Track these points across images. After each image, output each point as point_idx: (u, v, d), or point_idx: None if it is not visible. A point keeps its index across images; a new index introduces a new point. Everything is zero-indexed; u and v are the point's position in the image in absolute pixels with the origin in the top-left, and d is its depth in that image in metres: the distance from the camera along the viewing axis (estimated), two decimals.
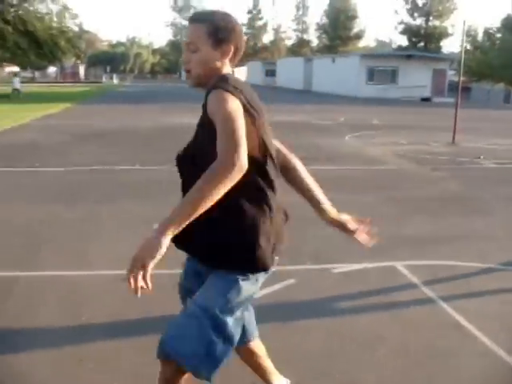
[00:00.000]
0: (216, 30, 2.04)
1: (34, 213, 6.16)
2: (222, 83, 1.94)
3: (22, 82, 34.15)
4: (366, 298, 4.07)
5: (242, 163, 1.76)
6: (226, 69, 2.08)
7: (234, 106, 1.86)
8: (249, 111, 1.93)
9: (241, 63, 76.13)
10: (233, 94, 1.89)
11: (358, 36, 75.18)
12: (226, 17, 2.09)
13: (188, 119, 17.36)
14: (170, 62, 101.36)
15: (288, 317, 3.72)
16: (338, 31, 71.43)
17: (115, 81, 66.80)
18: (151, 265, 1.74)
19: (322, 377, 3.00)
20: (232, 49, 2.06)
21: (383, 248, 5.10)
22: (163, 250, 1.74)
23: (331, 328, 3.58)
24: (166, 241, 1.74)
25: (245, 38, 2.16)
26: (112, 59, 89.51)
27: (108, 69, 79.31)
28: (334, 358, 3.19)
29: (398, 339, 3.43)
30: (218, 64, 2.06)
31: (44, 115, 19.03)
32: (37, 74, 68.63)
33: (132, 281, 1.75)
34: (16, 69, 52.49)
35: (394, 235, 5.48)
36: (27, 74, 65.78)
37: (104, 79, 66.74)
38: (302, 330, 3.55)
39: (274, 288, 4.12)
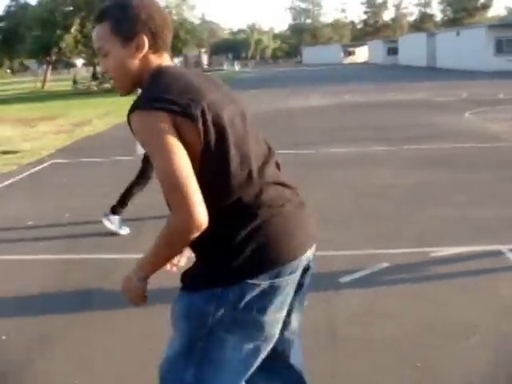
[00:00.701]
0: (117, 24, 1.66)
1: None
2: (143, 95, 1.61)
3: None
4: (464, 284, 3.82)
5: (197, 215, 1.47)
6: (154, 62, 1.69)
7: (154, 127, 1.52)
8: (181, 113, 1.54)
9: (361, 42, 74.94)
10: (150, 109, 1.54)
11: (486, 5, 70.60)
12: (125, 3, 1.69)
13: (316, 101, 17.62)
14: (290, 46, 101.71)
15: (375, 302, 3.59)
16: (463, 2, 67.46)
17: (236, 67, 68.27)
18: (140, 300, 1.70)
19: (402, 364, 2.86)
20: (145, 39, 1.65)
21: (491, 230, 4.78)
22: (141, 290, 1.67)
23: (419, 315, 3.40)
24: (142, 284, 1.65)
25: (164, 14, 1.73)
26: (233, 46, 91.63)
27: (230, 56, 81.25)
28: (423, 347, 3.02)
29: (493, 328, 3.18)
30: (137, 62, 1.68)
31: None
32: None
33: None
34: None
35: (507, 217, 5.08)
36: None
37: (225, 66, 68.39)
38: (388, 315, 3.41)
39: (364, 272, 4.00)
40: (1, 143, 11.51)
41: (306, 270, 1.76)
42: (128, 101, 1.91)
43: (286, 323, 1.76)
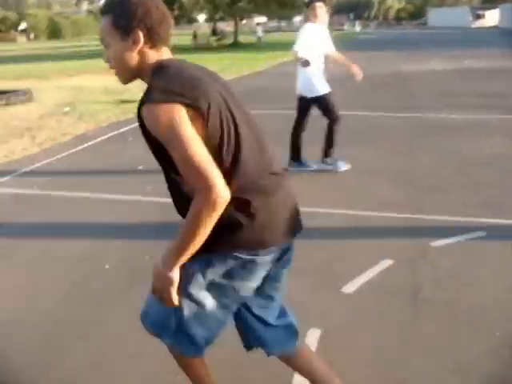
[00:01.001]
0: (117, 19, 1.77)
1: None
2: (151, 90, 1.69)
3: (268, 32, 36.01)
4: None
5: (219, 187, 1.60)
6: (152, 56, 1.79)
7: (172, 117, 1.63)
8: (194, 107, 1.66)
9: (492, 5, 69.55)
10: (165, 102, 1.64)
11: None
12: (124, 0, 1.78)
13: (436, 65, 16.94)
14: (415, 7, 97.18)
15: (464, 269, 3.54)
16: None
17: (357, 28, 66.35)
18: (174, 295, 1.76)
19: (481, 332, 2.84)
20: (141, 34, 1.75)
21: None
22: (176, 281, 1.75)
23: (508, 287, 3.31)
24: (176, 274, 1.74)
25: (162, 10, 1.80)
26: (356, 6, 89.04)
27: (351, 16, 79.10)
28: (506, 318, 2.97)
29: None
30: (135, 56, 1.79)
31: (281, 62, 19.93)
32: (282, 23, 71.54)
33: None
34: (263, 19, 55.41)
35: None
36: (273, 23, 69.00)
37: (346, 27, 66.72)
38: (474, 284, 3.36)
39: (457, 238, 3.94)
40: (121, 93, 12.18)
41: (286, 250, 1.94)
42: (247, 57, 2.02)
43: (260, 290, 1.96)
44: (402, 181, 5.39)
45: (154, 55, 1.80)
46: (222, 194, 1.61)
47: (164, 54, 1.83)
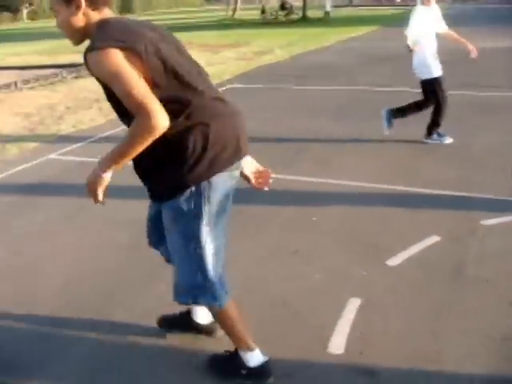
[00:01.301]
0: None
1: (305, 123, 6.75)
2: (94, 40, 1.94)
3: (339, 7, 35.37)
4: None
5: (158, 112, 1.84)
6: (95, 16, 2.04)
7: (111, 59, 1.87)
8: (132, 49, 1.90)
9: None
10: (105, 48, 1.88)
11: None
12: None
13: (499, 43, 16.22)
14: None
15: (510, 249, 3.52)
16: None
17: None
18: (100, 193, 2.06)
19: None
20: (83, 0, 2.01)
21: None
22: (106, 181, 2.05)
23: None
24: (107, 175, 2.03)
25: None
26: None
27: None
28: None
29: None
30: (80, 19, 2.04)
31: (348, 38, 19.62)
32: None
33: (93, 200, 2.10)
34: None
35: None
36: None
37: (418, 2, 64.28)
38: None
39: (509, 218, 3.90)
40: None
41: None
42: (315, 32, 2.12)
43: None
44: (457, 159, 5.32)
45: (97, 16, 2.05)
46: (161, 121, 1.85)
47: (106, 13, 2.08)
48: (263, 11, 34.06)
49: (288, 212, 4.21)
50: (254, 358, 2.32)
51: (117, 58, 1.88)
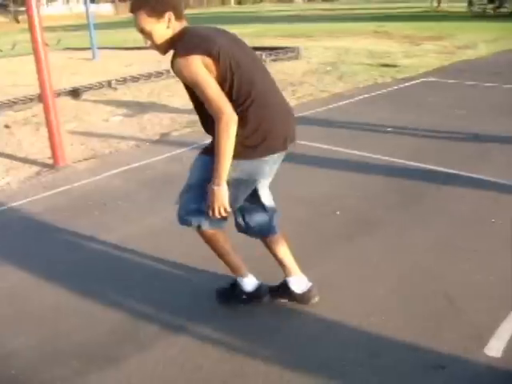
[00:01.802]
0: (152, 9, 2.38)
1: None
2: (179, 48, 2.35)
3: None
4: None
5: (229, 114, 2.32)
6: (178, 27, 2.43)
7: (193, 67, 2.31)
8: (208, 54, 2.33)
9: None
10: (188, 55, 2.31)
11: None
12: None
13: None
14: None
15: None
16: None
17: None
18: (227, 203, 2.50)
19: None
20: (172, 13, 2.39)
21: None
22: (227, 193, 2.47)
23: None
24: (224, 186, 2.45)
25: None
26: None
27: None
28: None
29: None
30: (170, 31, 2.42)
31: None
32: None
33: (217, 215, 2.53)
34: None
35: None
36: None
37: None
38: None
39: None
40: (382, 57, 12.36)
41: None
42: None
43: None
44: None
45: (179, 26, 2.45)
46: (231, 117, 2.33)
47: (184, 23, 2.48)
48: (470, 3, 32.28)
49: (466, 210, 4.13)
50: (250, 283, 2.90)
51: (197, 63, 2.32)
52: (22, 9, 54.13)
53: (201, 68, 2.32)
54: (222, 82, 2.37)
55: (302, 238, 3.73)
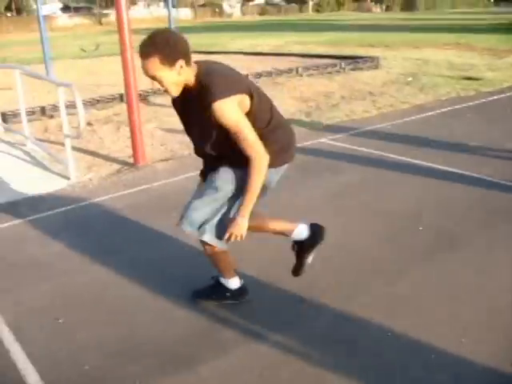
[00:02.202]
0: (166, 56, 2.38)
1: None
2: (214, 93, 2.41)
3: None
4: None
5: (262, 154, 2.52)
6: (190, 71, 2.48)
7: (234, 110, 2.44)
8: (246, 93, 2.50)
9: None
10: (227, 97, 2.42)
11: None
12: (167, 37, 2.41)
13: None
14: None
15: None
16: None
17: None
18: (244, 234, 2.67)
19: None
20: (184, 60, 2.42)
21: None
22: (246, 224, 2.65)
23: None
24: (246, 219, 2.64)
25: (185, 39, 2.46)
26: None
27: None
28: None
29: None
30: (182, 77, 2.46)
31: None
32: None
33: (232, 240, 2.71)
34: None
35: None
36: None
37: None
38: None
39: None
40: (465, 69, 11.95)
41: None
42: None
43: None
44: None
45: (189, 71, 2.47)
46: (264, 157, 2.53)
47: (194, 66, 2.51)
48: None
49: None
50: (234, 282, 3.03)
51: (235, 105, 2.46)
52: (106, 11, 56.52)
53: (239, 109, 2.48)
54: (248, 114, 2.54)
55: (384, 252, 3.60)
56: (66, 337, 2.84)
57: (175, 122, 7.90)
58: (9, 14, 58.20)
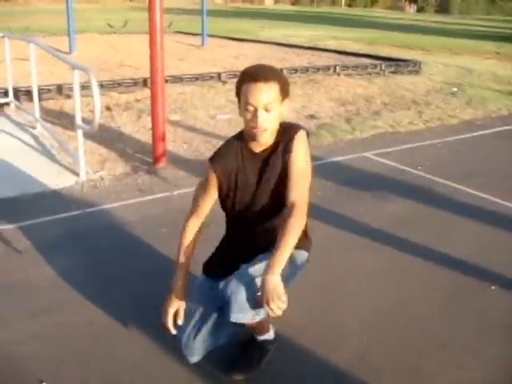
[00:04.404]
0: (284, 86, 2.10)
1: None
2: (296, 126, 2.22)
3: None
4: None
5: (306, 211, 2.12)
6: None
7: (307, 148, 2.20)
8: None
9: None
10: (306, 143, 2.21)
11: None
12: (281, 72, 2.19)
13: None
14: None
15: None
16: None
17: None
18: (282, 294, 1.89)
19: None
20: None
21: None
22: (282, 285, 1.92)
23: None
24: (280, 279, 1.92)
25: None
26: None
27: None
28: None
29: None
30: (279, 120, 2.14)
31: None
32: None
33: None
34: None
35: None
36: None
37: None
38: None
39: None
40: (510, 82, 11.14)
41: None
42: None
43: None
44: None
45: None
46: (306, 214, 2.13)
47: None
48: None
49: None
50: (271, 332, 2.50)
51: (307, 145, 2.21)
52: None
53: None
54: None
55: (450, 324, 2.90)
56: None
57: (202, 116, 7.37)
58: None
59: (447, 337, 2.73)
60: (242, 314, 2.02)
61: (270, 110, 2.06)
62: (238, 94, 2.12)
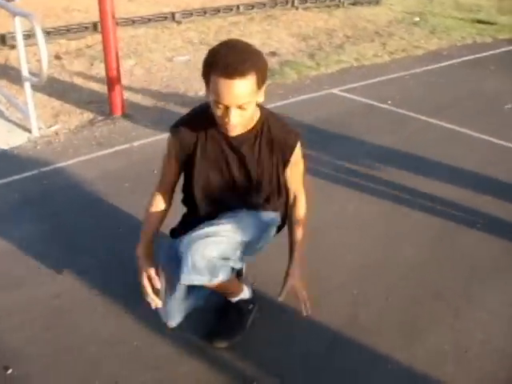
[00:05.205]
0: (262, 73, 1.73)
1: None
2: (293, 131, 2.02)
3: None
4: None
5: None
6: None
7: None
8: None
9: None
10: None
11: None
12: (259, 53, 1.74)
13: None
14: None
15: None
16: None
17: None
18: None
19: None
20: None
21: None
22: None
23: None
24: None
25: None
26: None
27: None
28: None
29: None
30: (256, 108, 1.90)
31: None
32: None
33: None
34: None
35: None
36: None
37: None
38: None
39: None
40: (473, 10, 10.93)
41: None
42: None
43: None
44: None
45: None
46: None
47: None
48: None
49: None
50: (246, 291, 2.33)
51: None
52: None
53: None
54: None
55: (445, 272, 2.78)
56: None
57: (158, 59, 6.97)
58: None
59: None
60: (195, 275, 1.85)
61: (246, 107, 1.74)
62: (205, 78, 1.74)
